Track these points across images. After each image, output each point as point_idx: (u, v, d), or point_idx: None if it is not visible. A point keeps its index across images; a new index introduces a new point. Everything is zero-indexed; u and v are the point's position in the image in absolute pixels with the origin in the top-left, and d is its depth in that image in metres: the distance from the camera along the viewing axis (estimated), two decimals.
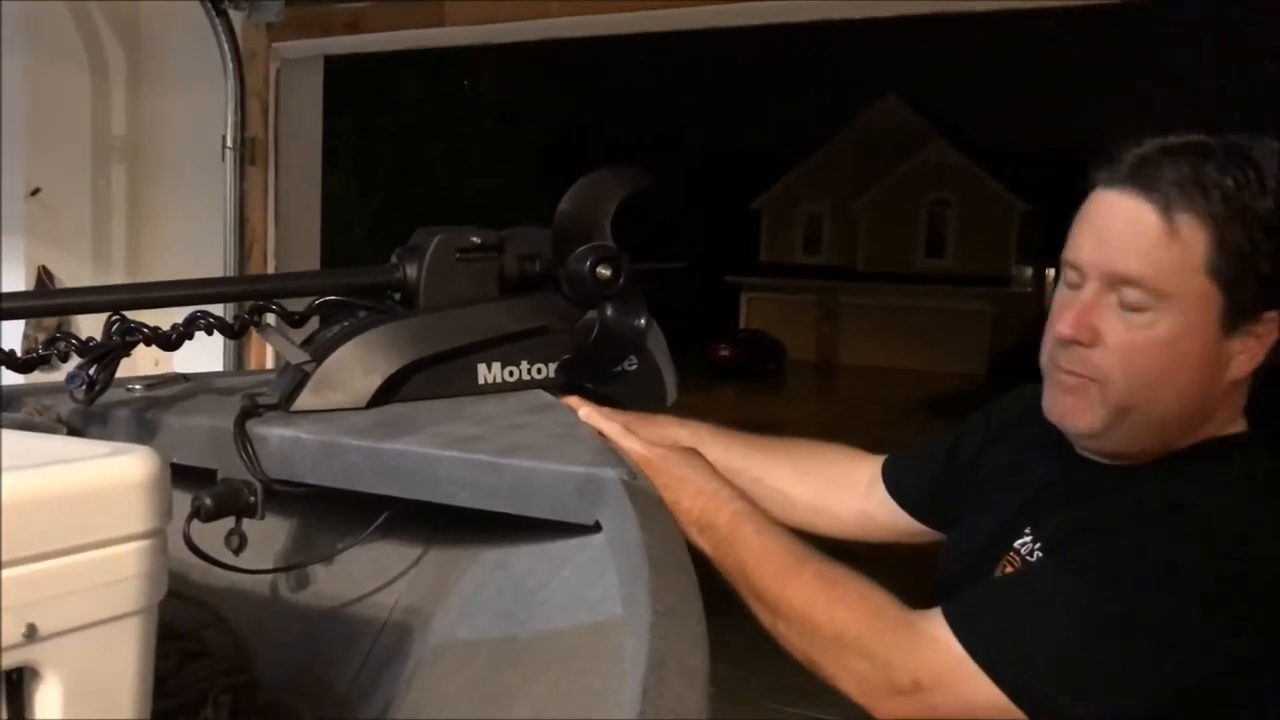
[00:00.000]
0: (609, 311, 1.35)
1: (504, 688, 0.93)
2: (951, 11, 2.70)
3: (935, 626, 1.08)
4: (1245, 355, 1.13)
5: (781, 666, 1.19)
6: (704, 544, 1.18)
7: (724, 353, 29.30)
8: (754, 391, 25.98)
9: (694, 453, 1.27)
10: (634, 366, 1.41)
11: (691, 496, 1.20)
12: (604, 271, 1.33)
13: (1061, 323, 1.17)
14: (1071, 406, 1.19)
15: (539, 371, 1.33)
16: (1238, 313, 1.11)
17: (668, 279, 1.52)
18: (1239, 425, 1.20)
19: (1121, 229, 1.13)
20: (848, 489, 1.60)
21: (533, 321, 1.33)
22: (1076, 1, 2.66)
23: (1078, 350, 1.16)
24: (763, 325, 32.54)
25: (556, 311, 1.36)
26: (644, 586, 0.83)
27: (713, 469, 1.25)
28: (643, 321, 1.38)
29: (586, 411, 1.22)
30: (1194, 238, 1.10)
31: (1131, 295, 1.12)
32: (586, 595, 0.93)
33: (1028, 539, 1.22)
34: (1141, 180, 1.12)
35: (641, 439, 1.22)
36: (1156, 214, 1.11)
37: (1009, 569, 1.22)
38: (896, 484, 1.57)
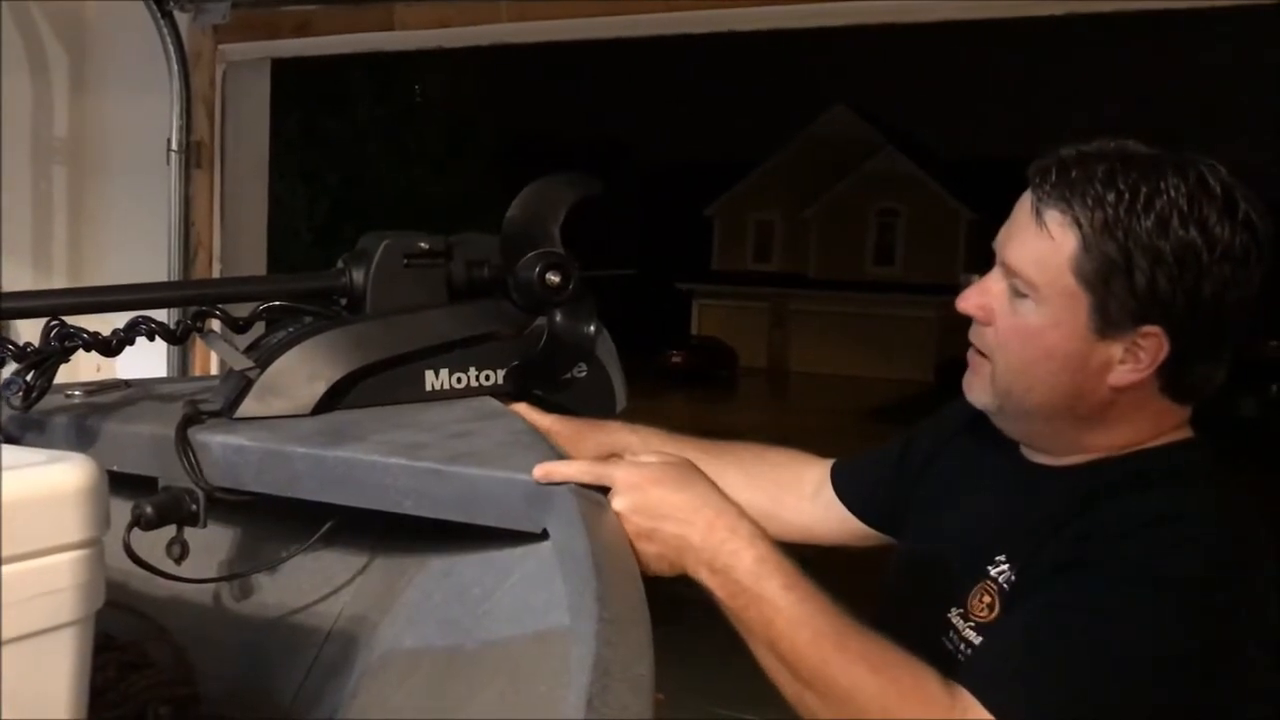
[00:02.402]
0: (558, 318, 1.35)
1: (450, 697, 0.92)
2: (901, 22, 2.72)
3: (982, 714, 1.02)
4: (1129, 366, 1.14)
5: (725, 671, 1.18)
6: (714, 586, 1.06)
7: (675, 359, 29.36)
8: (705, 398, 26.05)
9: (690, 468, 1.13)
10: (583, 373, 1.41)
11: (704, 532, 1.06)
12: (553, 278, 1.32)
13: (960, 297, 1.23)
14: (969, 381, 1.26)
15: (487, 378, 1.32)
16: (1106, 320, 1.13)
17: (618, 285, 1.52)
18: (1184, 433, 1.21)
19: (1014, 221, 1.19)
20: (796, 493, 1.60)
21: (481, 328, 1.33)
22: (1022, 12, 2.69)
23: (979, 328, 1.23)
24: (714, 332, 32.62)
25: (505, 318, 1.35)
26: (590, 594, 0.83)
27: (719, 492, 1.11)
28: (592, 328, 1.38)
29: (545, 470, 1.04)
30: (1062, 237, 1.13)
31: (1016, 283, 1.18)
32: (533, 603, 0.93)
33: (1004, 568, 1.20)
34: (1039, 178, 1.17)
35: (626, 461, 1.12)
36: (1033, 210, 1.16)
37: (987, 598, 1.20)
38: (845, 488, 1.58)
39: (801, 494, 1.60)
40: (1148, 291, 1.11)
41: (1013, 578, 1.18)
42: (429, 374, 1.28)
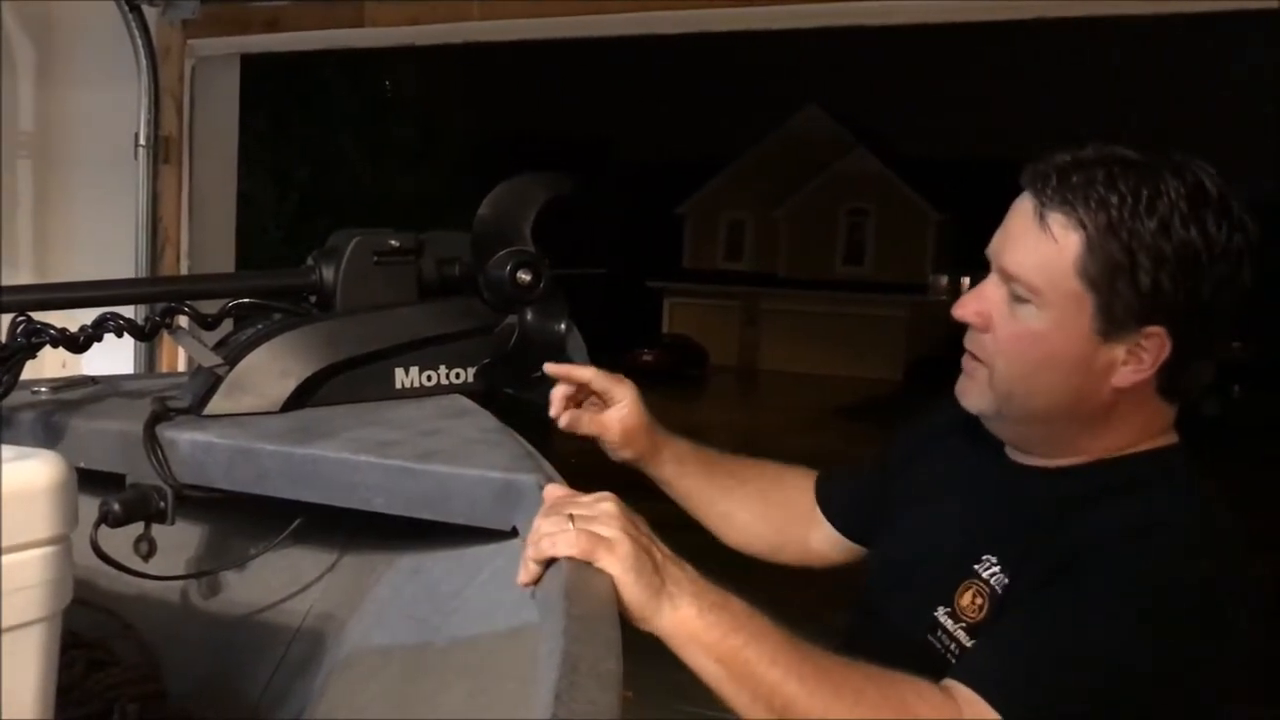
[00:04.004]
0: (529, 316, 1.36)
1: (419, 694, 0.93)
2: (873, 24, 2.74)
3: (988, 712, 1.01)
4: (1131, 366, 1.15)
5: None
6: (704, 626, 0.96)
7: (646, 358, 29.35)
8: (676, 397, 26.05)
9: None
10: None
11: (694, 574, 0.98)
12: (524, 276, 1.33)
13: (957, 305, 1.23)
14: (965, 387, 1.26)
15: (457, 376, 1.33)
16: (1110, 321, 1.14)
17: (589, 284, 1.52)
18: (1170, 437, 1.22)
19: (1012, 227, 1.19)
20: (808, 517, 1.59)
21: (451, 326, 1.33)
22: (989, 17, 2.71)
23: (975, 334, 1.23)
24: (685, 330, 32.67)
25: (476, 316, 1.36)
26: (559, 591, 0.84)
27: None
28: (563, 326, 1.39)
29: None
30: (1066, 240, 1.14)
31: (1017, 288, 1.18)
32: (502, 601, 0.93)
33: (995, 568, 1.20)
34: (1038, 183, 1.17)
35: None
36: (1035, 214, 1.16)
37: (978, 599, 1.20)
38: (828, 502, 1.57)
39: (814, 518, 1.59)
40: (1151, 292, 1.12)
41: (1005, 580, 1.18)
42: (399, 371, 1.28)
